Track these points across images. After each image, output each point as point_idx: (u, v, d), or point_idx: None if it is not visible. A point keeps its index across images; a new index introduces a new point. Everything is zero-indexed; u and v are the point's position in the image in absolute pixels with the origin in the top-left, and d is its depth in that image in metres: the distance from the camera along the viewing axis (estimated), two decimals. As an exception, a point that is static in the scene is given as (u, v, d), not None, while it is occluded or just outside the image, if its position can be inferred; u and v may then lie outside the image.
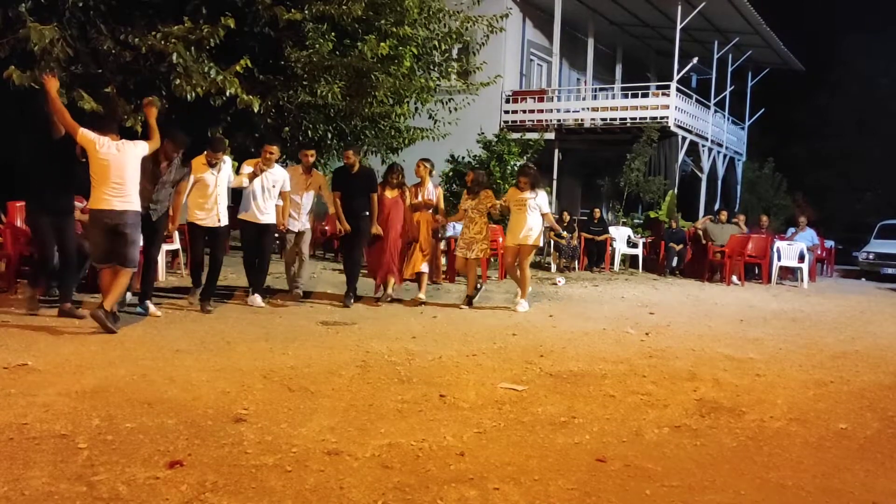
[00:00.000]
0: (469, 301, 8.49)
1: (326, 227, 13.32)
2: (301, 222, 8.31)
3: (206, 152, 7.27)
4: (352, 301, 8.15)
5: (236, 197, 8.37)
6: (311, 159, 8.34)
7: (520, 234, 8.39)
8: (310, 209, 8.49)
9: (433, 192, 8.77)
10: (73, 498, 2.76)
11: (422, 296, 8.59)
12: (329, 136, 11.29)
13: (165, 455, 3.22)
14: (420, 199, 8.66)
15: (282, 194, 7.89)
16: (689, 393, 4.82)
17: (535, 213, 8.41)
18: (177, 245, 9.65)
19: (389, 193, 8.47)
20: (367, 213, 8.21)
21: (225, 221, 7.46)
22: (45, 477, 2.93)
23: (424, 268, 8.73)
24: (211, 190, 7.24)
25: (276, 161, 7.96)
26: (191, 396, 4.16)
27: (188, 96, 8.44)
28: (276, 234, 8.34)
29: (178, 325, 6.43)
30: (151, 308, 6.84)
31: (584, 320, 7.92)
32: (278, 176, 7.82)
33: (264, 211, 7.73)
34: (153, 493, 2.84)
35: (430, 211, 8.76)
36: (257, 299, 7.81)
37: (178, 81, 8.36)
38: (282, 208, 7.96)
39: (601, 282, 12.58)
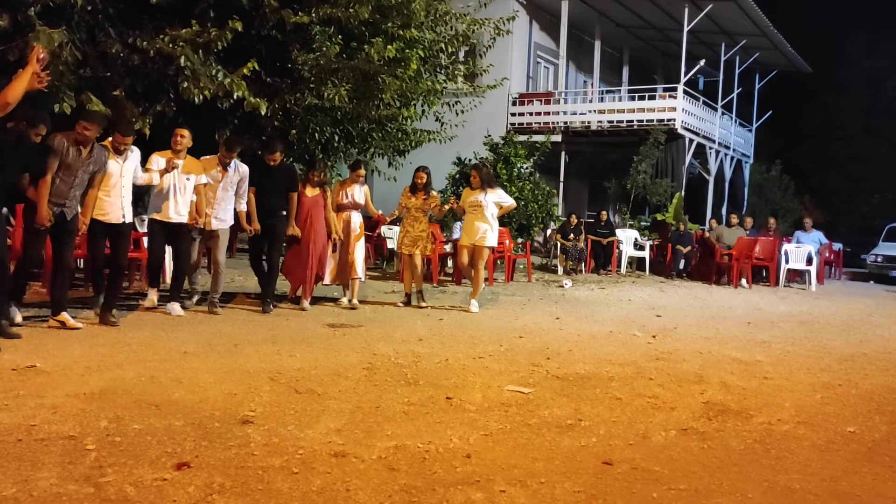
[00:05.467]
0: (421, 297, 8.56)
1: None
2: (219, 220, 7.41)
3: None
4: (271, 307, 7.57)
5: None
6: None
7: (476, 236, 8.38)
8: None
9: (360, 190, 8.34)
10: (81, 499, 2.77)
11: (355, 301, 8.26)
12: (336, 138, 11.32)
13: (173, 456, 3.23)
14: (350, 199, 8.23)
15: (196, 188, 7.13)
16: (696, 396, 4.81)
17: (490, 213, 8.40)
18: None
19: (310, 192, 7.94)
20: (285, 213, 7.64)
21: (129, 218, 6.61)
22: (53, 478, 2.94)
23: (360, 273, 8.32)
24: (115, 181, 6.38)
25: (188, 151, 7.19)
26: (198, 398, 4.17)
27: (196, 99, 8.47)
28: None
29: (185, 328, 6.45)
30: (70, 320, 6.04)
31: (591, 323, 7.90)
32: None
33: (179, 210, 6.98)
34: (161, 494, 2.85)
35: (359, 211, 8.39)
36: (176, 307, 7.04)
37: (185, 84, 8.39)
38: (196, 203, 7.15)
39: (608, 284, 12.56)
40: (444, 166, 14.98)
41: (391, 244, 12.97)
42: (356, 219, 8.37)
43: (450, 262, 12.45)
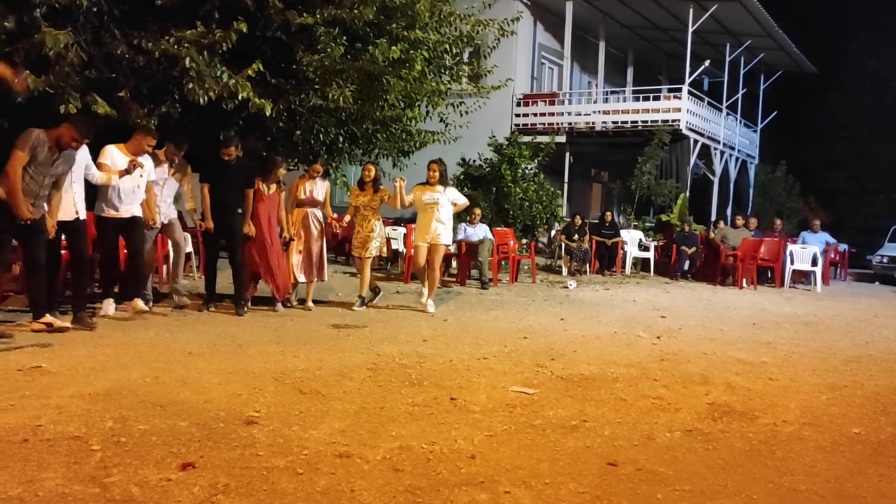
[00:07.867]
0: (362, 302, 8.20)
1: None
2: (166, 212, 7.46)
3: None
4: (244, 310, 7.36)
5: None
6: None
7: (431, 234, 8.25)
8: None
9: (320, 186, 8.19)
10: (87, 499, 2.78)
11: (310, 303, 8.08)
12: (341, 139, 11.32)
13: (178, 457, 3.24)
14: (309, 195, 8.10)
15: (148, 185, 6.97)
16: (700, 397, 4.80)
17: (444, 211, 8.30)
18: (189, 248, 9.66)
19: (266, 188, 7.71)
20: (241, 211, 7.42)
21: (83, 215, 6.40)
22: (58, 478, 2.95)
23: (316, 275, 8.14)
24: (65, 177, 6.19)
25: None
26: (203, 399, 4.18)
27: (200, 100, 8.47)
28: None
29: (190, 328, 6.47)
30: (56, 321, 5.87)
31: (596, 324, 7.90)
32: (145, 165, 6.93)
33: (132, 205, 6.79)
34: (165, 494, 2.85)
35: (319, 208, 8.21)
36: (139, 304, 6.73)
37: (190, 85, 8.40)
38: (147, 201, 6.98)
39: (612, 285, 12.54)
40: (448, 167, 14.96)
41: (395, 245, 12.97)
42: (316, 216, 8.17)
43: (454, 263, 12.45)
